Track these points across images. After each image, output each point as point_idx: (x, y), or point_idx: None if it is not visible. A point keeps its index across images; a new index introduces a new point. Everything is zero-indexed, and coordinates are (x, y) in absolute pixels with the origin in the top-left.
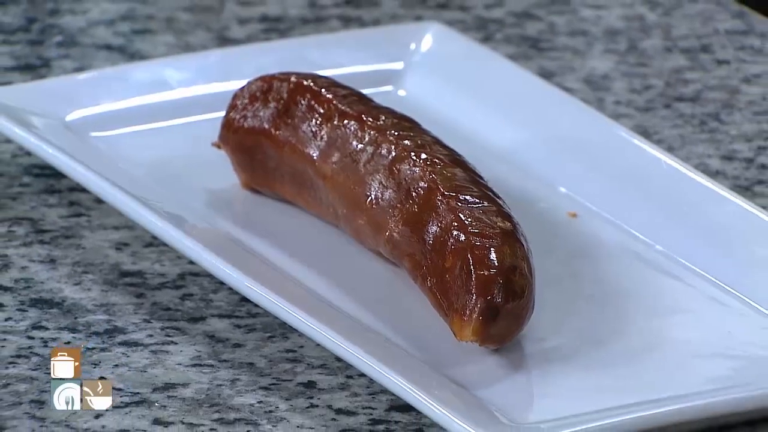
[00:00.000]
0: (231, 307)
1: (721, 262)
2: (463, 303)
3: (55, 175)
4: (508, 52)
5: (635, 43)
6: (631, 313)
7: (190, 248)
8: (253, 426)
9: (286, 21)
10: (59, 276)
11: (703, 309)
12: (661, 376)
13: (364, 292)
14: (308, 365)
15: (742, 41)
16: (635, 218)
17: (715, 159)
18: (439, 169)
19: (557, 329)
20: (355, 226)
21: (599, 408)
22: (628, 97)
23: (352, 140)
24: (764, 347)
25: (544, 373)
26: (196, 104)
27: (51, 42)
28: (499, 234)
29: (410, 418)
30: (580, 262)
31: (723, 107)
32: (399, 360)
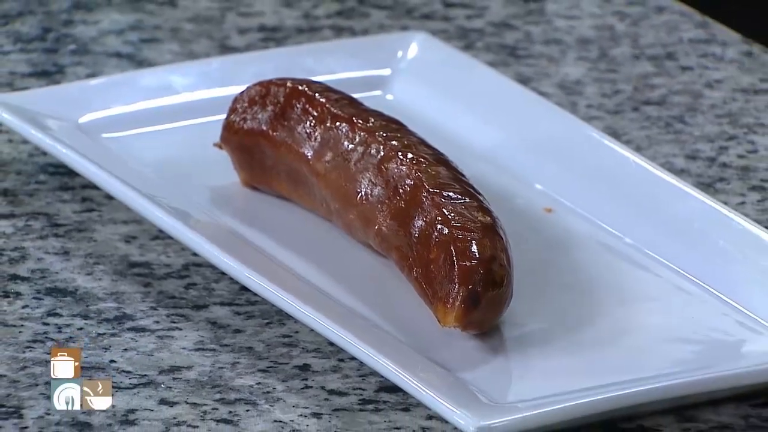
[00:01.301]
0: (231, 296)
1: (685, 254)
2: (447, 291)
3: (69, 174)
4: (488, 59)
5: (605, 51)
6: (603, 300)
7: (194, 241)
8: (251, 406)
9: (282, 31)
10: (72, 267)
11: (668, 297)
12: (630, 359)
13: (355, 282)
14: (303, 349)
15: (704, 49)
16: (606, 213)
17: (679, 158)
18: (425, 167)
19: (534, 316)
20: (346, 221)
21: (573, 388)
22: (599, 100)
23: (343, 141)
24: (725, 332)
25: (521, 357)
26: (199, 108)
27: (65, 50)
28: (479, 228)
29: (397, 398)
30: (555, 253)
31: (687, 110)
32: (387, 344)
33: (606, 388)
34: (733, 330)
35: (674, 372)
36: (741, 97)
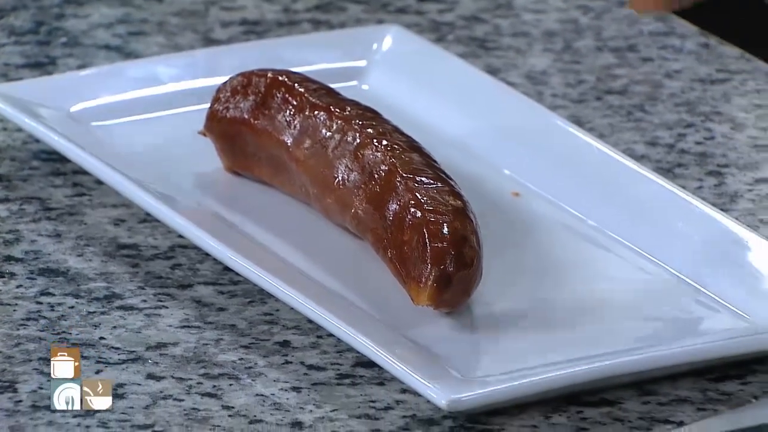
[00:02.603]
0: (215, 276)
1: (646, 235)
2: (420, 272)
3: (61, 160)
4: (459, 51)
5: (570, 43)
6: (567, 280)
7: (179, 224)
8: (234, 380)
9: (263, 24)
10: (64, 248)
11: (630, 276)
12: (593, 336)
13: (333, 263)
14: (283, 327)
15: (664, 41)
16: (570, 196)
17: (640, 145)
18: (398, 154)
19: (502, 295)
20: (324, 204)
21: (539, 364)
22: (564, 90)
23: (321, 129)
24: (682, 309)
25: (490, 334)
26: (184, 97)
27: (57, 43)
28: (451, 211)
29: (373, 373)
30: (522, 235)
31: (647, 99)
32: (363, 322)
33: (570, 364)
34: (690, 308)
35: (635, 348)
36: (698, 86)
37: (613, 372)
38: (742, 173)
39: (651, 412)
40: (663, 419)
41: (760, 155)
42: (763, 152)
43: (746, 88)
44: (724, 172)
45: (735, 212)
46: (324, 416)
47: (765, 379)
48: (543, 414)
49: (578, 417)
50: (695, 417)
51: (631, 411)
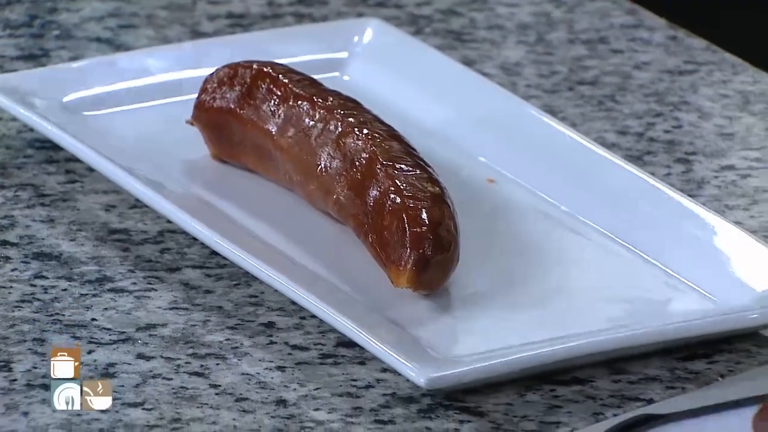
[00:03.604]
0: (203, 260)
1: (616, 220)
2: (399, 255)
3: (54, 148)
4: (436, 43)
5: (543, 35)
6: (541, 263)
7: (168, 209)
8: (221, 359)
9: (248, 17)
10: (57, 233)
11: (601, 259)
12: (567, 317)
13: (316, 247)
14: (268, 308)
15: (633, 34)
16: (544, 183)
17: (611, 133)
18: (378, 142)
19: (478, 277)
20: (307, 191)
21: (514, 344)
22: (537, 81)
23: (304, 118)
24: (652, 291)
25: (467, 315)
26: (172, 88)
27: (50, 35)
28: (429, 197)
29: (354, 353)
30: (497, 220)
31: (617, 90)
32: (344, 304)
33: (543, 344)
34: (659, 289)
35: (606, 328)
36: (667, 77)
37: (585, 351)
38: (709, 160)
39: (621, 390)
40: (633, 397)
41: (726, 143)
42: (729, 140)
43: (712, 78)
44: (692, 160)
45: (702, 198)
46: (307, 394)
47: (731, 358)
48: (517, 392)
49: (551, 395)
50: (664, 395)
51: (603, 389)
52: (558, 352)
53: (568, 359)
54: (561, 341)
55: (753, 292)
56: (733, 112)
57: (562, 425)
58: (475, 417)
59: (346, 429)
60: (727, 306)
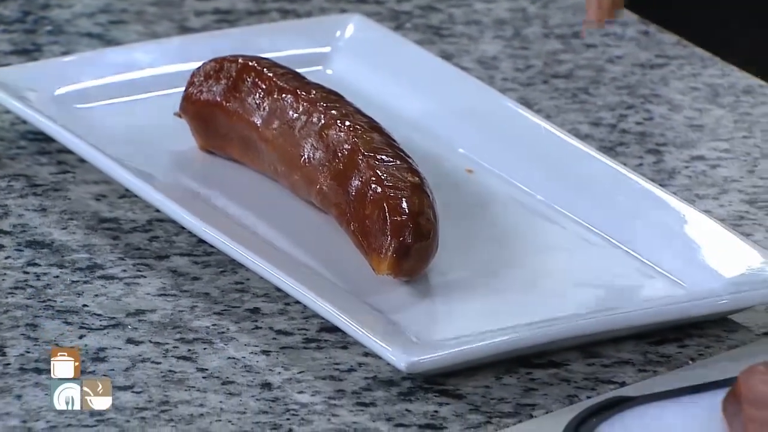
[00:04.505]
0: (190, 247)
1: (590, 209)
2: (380, 243)
3: (46, 140)
4: (416, 38)
5: (519, 30)
6: (517, 251)
7: (157, 199)
8: (208, 344)
9: (234, 13)
10: (49, 222)
11: (576, 247)
12: (542, 302)
13: (299, 235)
14: (253, 294)
15: (606, 29)
16: (520, 173)
17: (584, 125)
18: (360, 133)
19: (457, 265)
20: (291, 181)
21: (491, 328)
22: (513, 74)
23: (288, 110)
24: (625, 277)
25: (446, 301)
26: (161, 81)
27: (42, 31)
28: (409, 187)
29: (337, 338)
30: (475, 209)
31: (591, 83)
32: (327, 290)
33: (520, 328)
34: (632, 276)
35: (580, 313)
36: (638, 71)
37: (560, 336)
38: (679, 151)
39: (595, 373)
40: (606, 380)
41: (696, 134)
42: (699, 132)
43: (683, 72)
44: (663, 151)
45: (673, 187)
46: (291, 378)
47: (701, 342)
48: (494, 375)
49: (527, 378)
50: (636, 378)
51: (577, 372)
52: (534, 336)
53: (543, 343)
54: (537, 326)
55: (722, 279)
56: (702, 104)
57: (537, 407)
58: (453, 399)
59: (329, 411)
60: (697, 292)
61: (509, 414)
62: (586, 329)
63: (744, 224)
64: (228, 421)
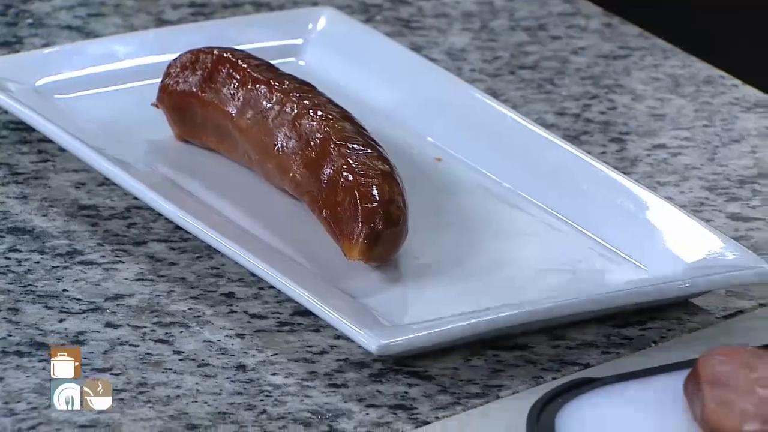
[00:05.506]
0: (167, 234)
1: (555, 196)
2: (351, 229)
3: (27, 130)
4: (386, 30)
5: (486, 23)
6: (485, 237)
7: (134, 187)
8: (185, 328)
9: (210, 6)
10: (30, 209)
11: (541, 233)
12: (509, 286)
13: (273, 222)
14: (228, 279)
15: (570, 21)
16: (487, 161)
17: (550, 114)
18: (332, 123)
19: (426, 250)
20: (265, 169)
21: (460, 312)
22: (481, 65)
23: (262, 101)
24: (588, 262)
25: (416, 285)
26: (138, 72)
27: (23, 23)
28: (379, 174)
29: (309, 321)
30: (444, 196)
31: (556, 73)
32: (300, 275)
33: (487, 312)
34: (596, 261)
35: (546, 297)
36: (602, 62)
37: (526, 319)
38: (642, 140)
39: (560, 355)
40: (571, 361)
41: (657, 123)
42: (660, 121)
43: (645, 63)
44: (625, 139)
45: (635, 175)
46: (265, 360)
47: (663, 325)
48: (463, 357)
49: (494, 360)
50: (600, 359)
51: (542, 354)
52: (501, 319)
53: (510, 326)
54: (503, 309)
55: (683, 263)
56: (664, 94)
57: (504, 388)
58: (423, 381)
59: (302, 392)
60: (658, 276)
61: (477, 395)
62: (552, 312)
63: (704, 210)
64: (204, 402)
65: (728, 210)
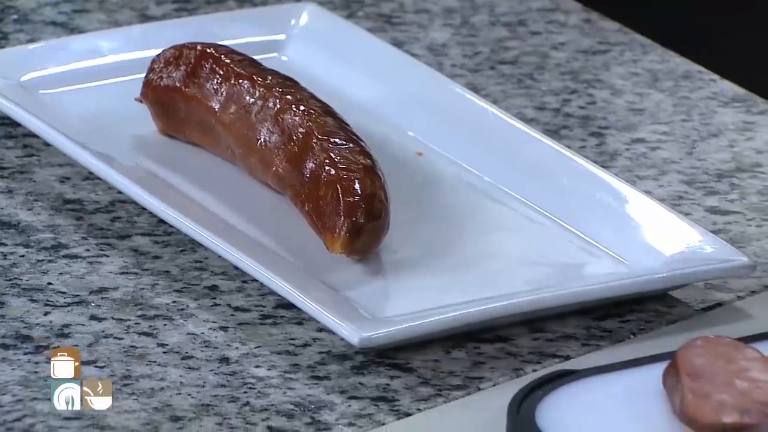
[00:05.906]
0: (151, 227)
1: (536, 190)
2: (334, 223)
3: (12, 124)
4: (368, 26)
5: (467, 18)
6: (465, 230)
7: (119, 181)
8: (168, 321)
9: (193, 2)
10: (15, 203)
11: (522, 227)
12: (489, 280)
13: (256, 216)
14: (212, 272)
15: (550, 17)
16: (468, 156)
17: (530, 109)
18: (314, 118)
19: (408, 244)
20: (248, 164)
21: (441, 305)
22: (462, 61)
23: (245, 96)
24: (569, 256)
25: (397, 278)
26: (122, 68)
27: (9, 19)
28: (361, 169)
29: (292, 314)
30: (425, 190)
31: (536, 69)
32: (283, 268)
33: (468, 304)
34: (576, 254)
35: (526, 290)
36: (581, 57)
37: (507, 312)
38: (621, 134)
39: (540, 348)
40: (551, 354)
41: (636, 118)
42: (639, 115)
43: (624, 58)
44: (605, 133)
45: (614, 169)
46: (249, 352)
47: (642, 317)
48: (444, 349)
49: (475, 352)
50: (580, 351)
51: (523, 346)
52: (481, 312)
53: (490, 319)
54: (484, 302)
55: (662, 256)
56: (642, 89)
57: (485, 380)
58: (404, 373)
59: (284, 384)
60: (638, 269)
61: (458, 387)
62: (532, 305)
63: (683, 204)
64: (188, 394)
65: (706, 203)
